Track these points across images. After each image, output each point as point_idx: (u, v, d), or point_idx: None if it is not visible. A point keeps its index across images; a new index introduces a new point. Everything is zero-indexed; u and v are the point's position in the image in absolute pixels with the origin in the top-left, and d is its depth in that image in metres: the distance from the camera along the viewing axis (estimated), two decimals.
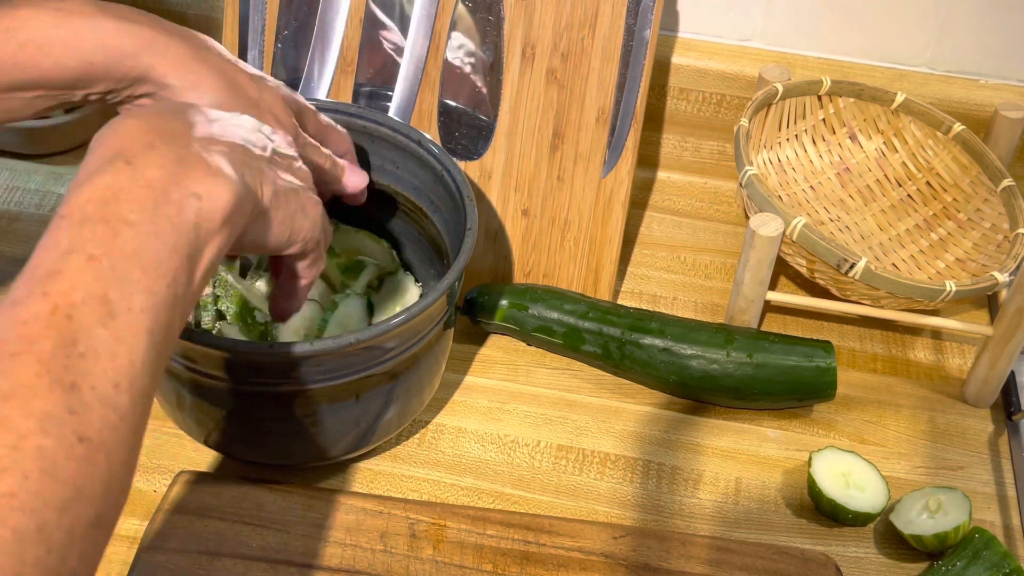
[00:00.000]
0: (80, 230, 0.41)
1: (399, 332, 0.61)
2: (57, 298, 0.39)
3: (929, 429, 0.78)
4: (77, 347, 0.38)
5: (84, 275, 0.40)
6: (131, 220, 0.42)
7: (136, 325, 0.40)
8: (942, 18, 0.89)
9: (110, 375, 0.39)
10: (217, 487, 0.68)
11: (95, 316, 0.39)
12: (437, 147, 0.72)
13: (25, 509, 0.34)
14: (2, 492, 0.34)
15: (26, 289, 0.40)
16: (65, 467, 0.36)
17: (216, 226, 0.45)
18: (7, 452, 0.35)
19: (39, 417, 0.36)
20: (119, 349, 0.39)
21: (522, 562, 0.65)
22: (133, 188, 0.43)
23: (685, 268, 0.90)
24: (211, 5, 0.97)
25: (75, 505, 0.36)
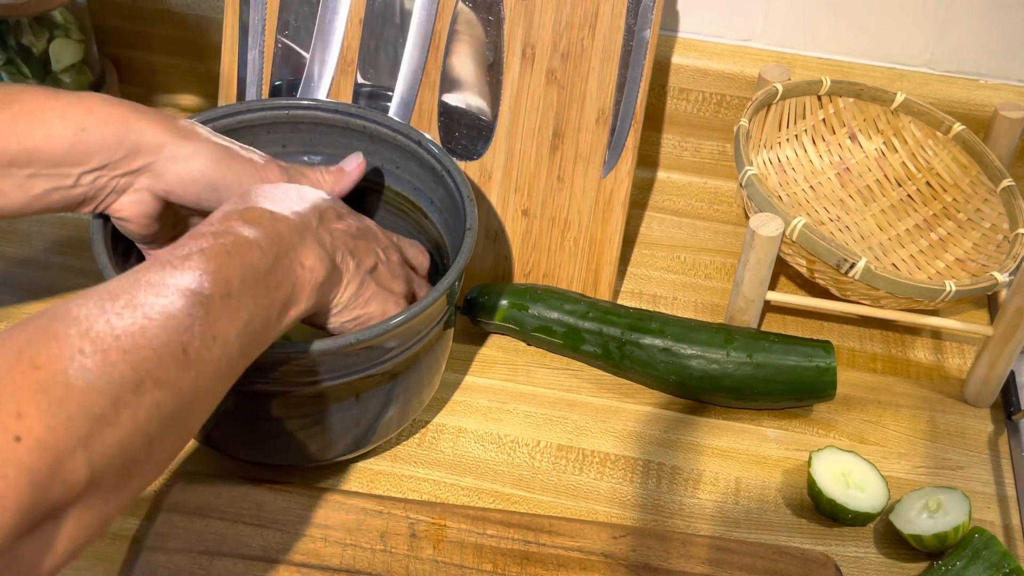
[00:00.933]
0: (225, 234, 0.52)
1: (399, 332, 0.61)
2: (194, 261, 0.50)
3: (929, 429, 0.78)
4: (200, 293, 0.48)
5: (218, 260, 0.50)
6: (263, 246, 0.53)
7: (240, 312, 0.50)
8: (942, 18, 0.89)
9: (213, 328, 0.48)
10: (217, 487, 0.68)
11: (218, 289, 0.49)
12: (437, 147, 0.72)
13: (133, 364, 0.43)
14: (123, 347, 0.43)
15: (169, 252, 0.50)
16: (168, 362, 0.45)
17: (308, 290, 0.56)
18: (137, 320, 0.44)
19: (166, 315, 0.46)
20: (224, 319, 0.49)
21: (522, 562, 0.65)
22: (272, 228, 0.55)
23: (685, 268, 0.90)
24: (211, 5, 0.97)
25: (164, 388, 0.44)
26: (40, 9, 0.88)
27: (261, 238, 0.53)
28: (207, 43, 0.99)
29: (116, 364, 0.42)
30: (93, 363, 0.41)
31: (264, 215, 0.55)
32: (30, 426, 0.38)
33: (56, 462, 0.38)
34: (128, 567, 0.64)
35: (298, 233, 0.56)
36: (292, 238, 0.56)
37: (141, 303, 0.45)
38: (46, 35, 0.90)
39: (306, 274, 0.56)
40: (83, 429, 0.40)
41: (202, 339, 0.47)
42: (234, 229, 0.53)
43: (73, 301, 0.44)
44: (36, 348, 0.41)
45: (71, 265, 0.85)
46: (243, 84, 0.84)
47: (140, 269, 0.48)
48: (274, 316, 0.54)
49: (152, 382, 0.43)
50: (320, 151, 0.75)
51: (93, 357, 0.41)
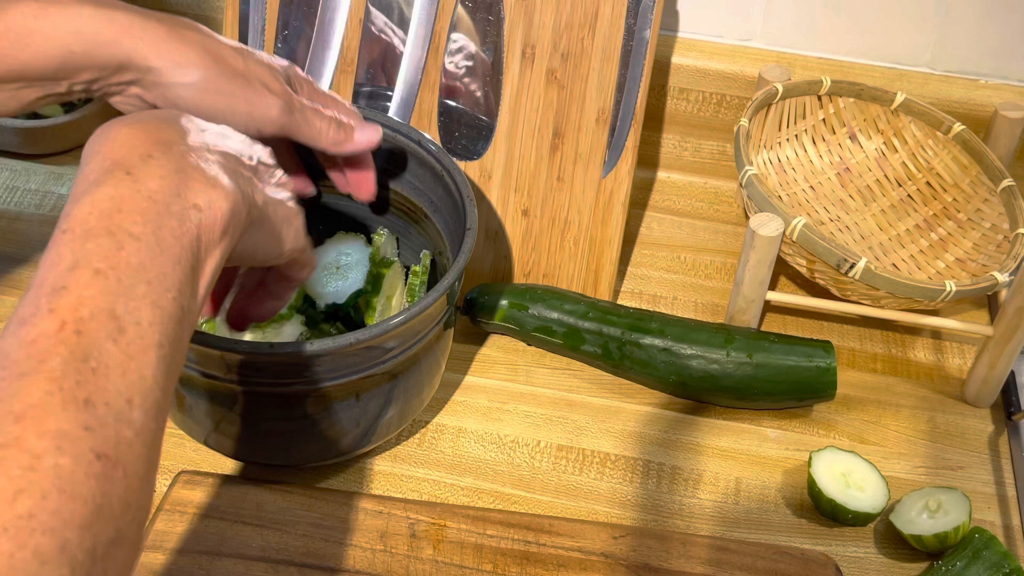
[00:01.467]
0: (84, 243, 0.41)
1: (399, 332, 0.61)
2: (65, 314, 0.38)
3: (929, 429, 0.78)
4: (88, 363, 0.37)
5: (91, 289, 0.39)
6: (135, 233, 0.42)
7: (145, 340, 0.40)
8: (942, 18, 0.89)
9: (122, 391, 0.38)
10: (217, 487, 0.68)
11: (104, 331, 0.39)
12: (437, 147, 0.72)
13: (45, 530, 0.34)
14: (21, 514, 0.33)
15: (32, 306, 0.39)
16: (84, 485, 0.35)
17: (216, 237, 0.45)
18: (23, 473, 0.34)
19: (54, 436, 0.35)
20: (130, 364, 0.39)
21: (522, 562, 0.65)
22: (136, 199, 0.43)
23: (685, 268, 0.90)
24: (211, 5, 0.97)
25: (96, 523, 0.35)
26: None
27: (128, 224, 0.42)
28: None
29: (25, 542, 0.33)
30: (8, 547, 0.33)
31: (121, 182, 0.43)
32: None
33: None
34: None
35: (173, 170, 0.45)
36: (168, 185, 0.44)
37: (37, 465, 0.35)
38: None
39: (208, 214, 0.45)
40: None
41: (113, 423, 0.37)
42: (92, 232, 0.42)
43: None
44: None
45: None
46: None
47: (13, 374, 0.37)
48: (189, 296, 0.43)
49: (79, 528, 0.35)
50: None
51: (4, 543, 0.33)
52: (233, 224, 0.47)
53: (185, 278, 0.43)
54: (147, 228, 0.42)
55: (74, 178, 0.46)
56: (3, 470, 0.34)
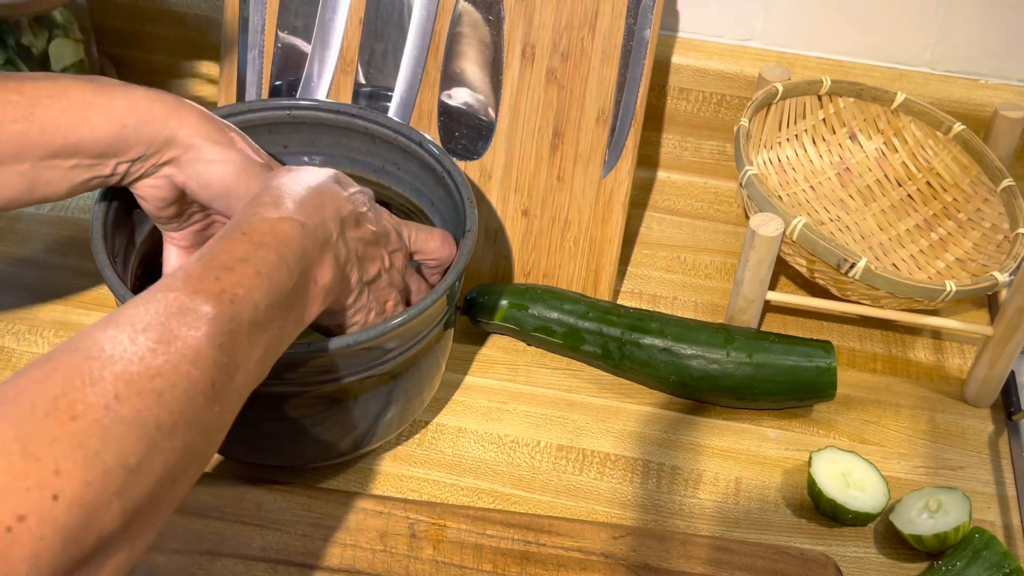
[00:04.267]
0: (257, 250, 0.52)
1: (399, 333, 0.61)
2: (227, 285, 0.48)
3: (929, 429, 0.78)
4: (230, 324, 0.47)
5: (249, 281, 0.50)
6: (290, 266, 0.53)
7: (262, 336, 0.50)
8: (942, 18, 0.89)
9: (238, 357, 0.48)
10: (217, 487, 0.68)
11: (246, 312, 0.49)
12: (438, 148, 0.72)
13: (167, 408, 0.42)
14: (154, 389, 0.42)
15: (203, 270, 0.49)
16: (197, 400, 0.44)
17: (315, 307, 0.56)
18: (164, 364, 0.43)
19: (194, 352, 0.45)
20: (248, 346, 0.49)
21: (522, 562, 0.65)
22: (299, 246, 0.54)
23: (685, 268, 0.90)
24: (211, 5, 0.97)
25: (193, 428, 0.44)
26: (40, 9, 0.88)
27: (289, 257, 0.53)
28: (207, 43, 0.99)
29: (151, 408, 0.42)
30: (129, 409, 0.41)
31: (295, 228, 0.54)
32: (67, 483, 0.38)
33: (91, 517, 0.38)
34: None
35: (319, 248, 0.56)
36: (314, 254, 0.55)
37: (174, 336, 0.44)
38: (46, 35, 0.90)
39: (318, 291, 0.56)
40: (118, 481, 0.40)
41: (228, 371, 0.47)
42: (265, 245, 0.52)
43: (104, 332, 0.43)
44: (73, 395, 0.40)
45: (71, 265, 0.85)
46: (243, 84, 0.84)
47: (170, 287, 0.47)
48: (287, 334, 0.54)
49: (184, 424, 0.43)
50: (321, 151, 0.75)
51: (129, 402, 0.41)
52: (327, 301, 0.57)
53: (292, 320, 0.54)
54: (295, 269, 0.53)
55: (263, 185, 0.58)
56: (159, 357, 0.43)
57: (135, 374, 0.42)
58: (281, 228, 0.54)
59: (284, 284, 0.52)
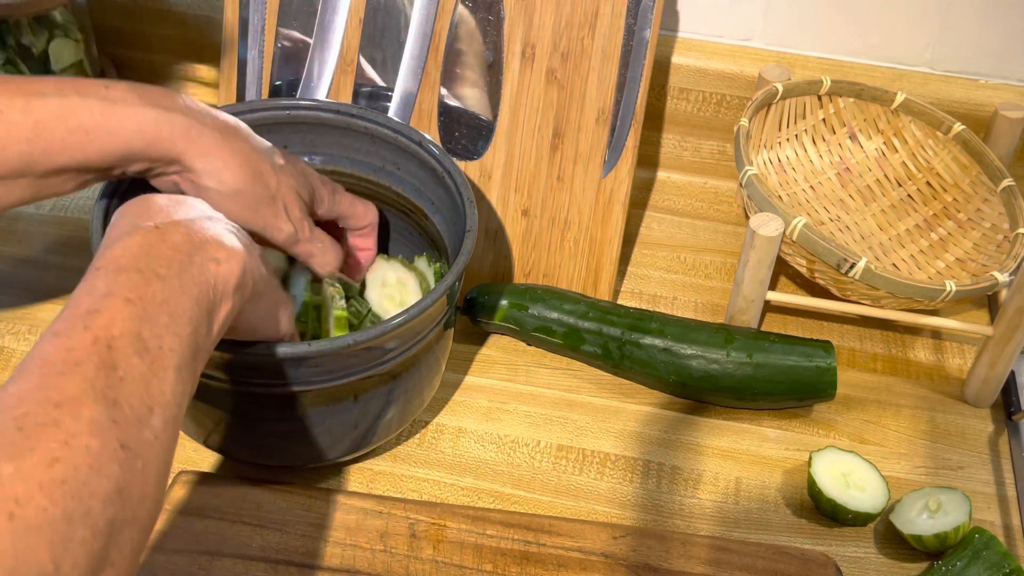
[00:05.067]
0: (116, 277, 0.47)
1: (399, 333, 0.61)
2: (98, 331, 0.44)
3: (929, 429, 0.78)
4: (117, 371, 0.43)
5: (121, 313, 0.45)
6: (161, 274, 0.48)
7: (166, 361, 0.45)
8: (942, 18, 0.89)
9: (145, 400, 0.43)
10: (217, 487, 0.68)
11: (131, 348, 0.44)
12: (438, 148, 0.72)
13: (74, 495, 0.38)
14: (55, 478, 0.38)
15: (68, 323, 0.45)
16: (109, 467, 0.40)
17: (230, 290, 0.52)
18: (59, 446, 0.39)
19: (87, 422, 0.40)
20: (152, 379, 0.44)
21: (522, 562, 0.65)
22: (162, 248, 0.50)
23: (685, 268, 0.90)
24: (211, 5, 0.97)
25: (116, 501, 0.40)
26: (40, 9, 0.88)
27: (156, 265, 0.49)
28: (207, 43, 0.99)
29: (56, 503, 0.38)
30: (34, 511, 0.37)
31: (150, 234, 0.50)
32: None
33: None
34: None
35: (195, 230, 0.52)
36: (189, 240, 0.51)
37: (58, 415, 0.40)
38: (46, 35, 0.90)
39: (226, 267, 0.52)
40: None
41: (137, 421, 0.42)
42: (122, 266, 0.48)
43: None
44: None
45: (71, 265, 0.85)
46: (243, 84, 0.84)
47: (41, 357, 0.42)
48: (203, 331, 0.49)
49: (100, 502, 0.39)
50: (321, 151, 0.75)
51: (32, 503, 0.37)
52: (243, 284, 0.53)
53: (202, 318, 0.49)
54: (171, 271, 0.49)
55: None
56: (43, 442, 0.39)
57: (32, 467, 0.38)
58: (132, 245, 0.49)
59: (164, 293, 0.47)
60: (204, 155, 0.61)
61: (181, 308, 0.48)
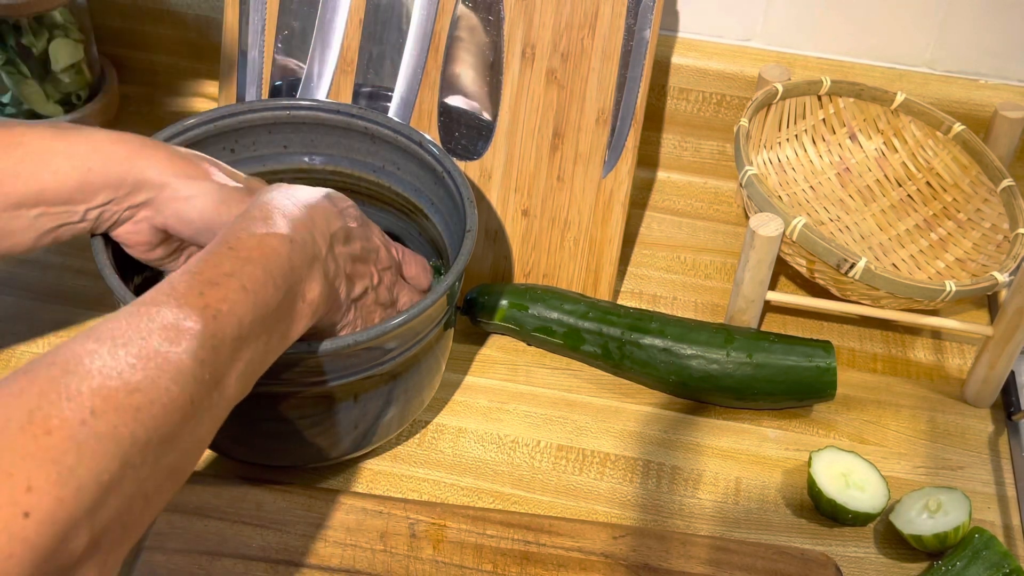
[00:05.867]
0: (244, 265, 0.51)
1: (399, 333, 0.61)
2: (211, 300, 0.48)
3: (929, 429, 0.78)
4: (212, 340, 0.47)
5: (235, 296, 0.49)
6: (277, 282, 0.52)
7: (245, 352, 0.49)
8: (942, 18, 0.89)
9: (218, 373, 0.47)
10: (217, 487, 0.68)
11: (230, 328, 0.48)
12: (438, 148, 0.72)
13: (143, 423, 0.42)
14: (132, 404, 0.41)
15: (187, 285, 0.48)
16: (175, 415, 0.43)
17: (303, 324, 0.55)
18: (146, 376, 0.43)
19: (175, 368, 0.44)
20: (230, 364, 0.48)
21: (522, 562, 0.65)
22: (286, 262, 0.53)
23: (685, 268, 0.90)
24: (211, 5, 0.97)
25: (169, 441, 0.43)
26: (40, 9, 0.88)
27: (276, 272, 0.52)
28: (207, 43, 0.99)
29: (127, 424, 0.41)
30: (105, 425, 0.40)
31: (283, 243, 0.53)
32: (40, 500, 0.37)
33: (62, 534, 0.38)
34: (128, 567, 0.64)
35: (308, 264, 0.55)
36: (302, 270, 0.54)
37: (154, 351, 0.44)
38: (46, 35, 0.90)
39: (306, 308, 0.55)
40: (92, 497, 0.39)
41: (208, 388, 0.46)
42: (252, 260, 0.51)
43: (84, 346, 0.43)
44: (48, 410, 0.39)
45: (71, 265, 0.85)
46: (243, 84, 0.84)
47: (154, 302, 0.47)
48: (272, 350, 0.53)
49: (159, 440, 0.42)
50: (321, 151, 0.75)
51: (105, 418, 0.40)
52: (315, 318, 0.57)
53: (278, 337, 0.53)
54: (283, 285, 0.53)
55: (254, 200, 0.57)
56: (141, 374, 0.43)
57: (113, 389, 0.41)
58: (269, 243, 0.53)
59: (270, 300, 0.51)
60: (167, 169, 0.60)
61: (273, 319, 0.52)
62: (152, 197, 0.60)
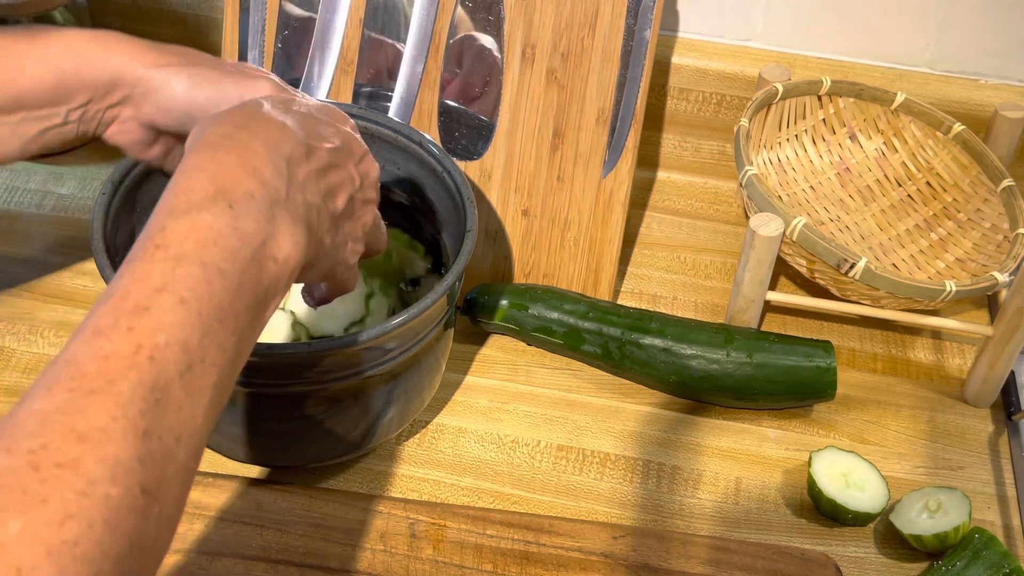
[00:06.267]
0: (175, 268, 0.41)
1: (399, 333, 0.61)
2: (142, 337, 0.39)
3: (929, 429, 0.78)
4: (154, 393, 0.38)
5: (172, 317, 0.40)
6: (224, 270, 0.42)
7: (204, 379, 0.40)
8: (942, 18, 0.89)
9: (175, 428, 0.38)
10: (217, 487, 0.68)
11: (175, 364, 0.39)
12: (438, 148, 0.72)
13: (86, 559, 0.34)
14: (66, 540, 0.34)
15: (111, 318, 0.39)
16: (126, 519, 0.36)
17: (281, 287, 0.46)
18: (76, 498, 0.35)
19: (111, 464, 0.36)
20: (186, 402, 0.39)
21: (522, 562, 0.65)
22: (231, 237, 0.43)
23: (685, 268, 0.90)
24: (211, 5, 0.97)
25: (128, 558, 0.36)
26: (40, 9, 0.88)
27: (219, 259, 0.42)
28: (207, 43, 0.99)
29: (66, 570, 0.34)
30: None
31: (218, 217, 0.43)
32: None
33: None
34: None
35: (264, 219, 0.45)
36: (257, 233, 0.44)
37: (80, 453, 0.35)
38: None
39: (280, 269, 0.45)
40: None
41: (163, 456, 0.38)
42: (184, 256, 0.41)
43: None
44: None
45: (71, 265, 0.85)
46: None
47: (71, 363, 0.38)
48: (247, 339, 0.44)
49: (112, 562, 0.35)
50: None
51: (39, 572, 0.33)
52: (297, 270, 0.47)
53: (249, 325, 0.44)
54: (234, 268, 0.42)
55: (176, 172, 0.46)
56: (58, 491, 0.34)
57: (42, 525, 0.34)
58: (201, 224, 0.43)
59: (218, 296, 0.42)
60: (141, 60, 0.56)
61: (232, 313, 0.42)
62: (129, 93, 0.57)
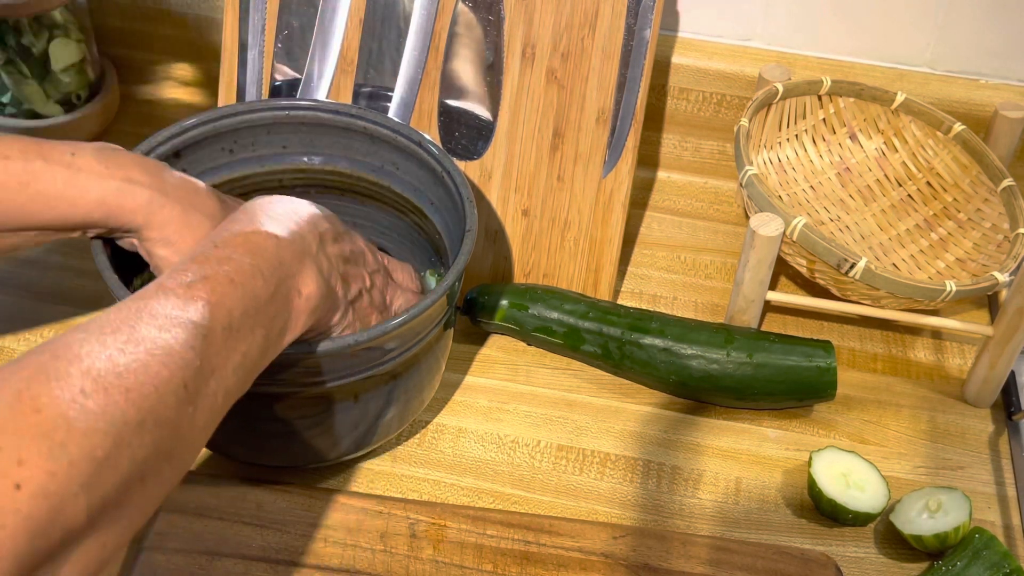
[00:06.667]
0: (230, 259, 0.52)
1: (399, 333, 0.61)
2: (197, 291, 0.49)
3: (929, 429, 0.78)
4: (203, 326, 0.48)
5: (222, 287, 0.50)
6: (264, 274, 0.53)
7: (236, 350, 0.50)
8: (942, 18, 0.89)
9: (221, 357, 0.49)
10: (217, 487, 0.68)
11: (220, 315, 0.49)
12: (437, 148, 0.72)
13: (137, 402, 0.42)
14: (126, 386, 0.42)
15: (174, 280, 0.49)
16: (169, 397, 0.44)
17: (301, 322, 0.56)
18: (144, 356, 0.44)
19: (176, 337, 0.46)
20: (225, 345, 0.49)
21: (522, 562, 0.65)
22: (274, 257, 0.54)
23: (685, 268, 0.90)
24: (211, 5, 0.97)
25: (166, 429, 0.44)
26: (40, 9, 0.88)
27: (263, 266, 0.53)
28: (207, 43, 0.99)
29: (118, 403, 0.42)
30: (95, 403, 0.41)
31: (268, 239, 0.55)
32: (31, 473, 0.37)
33: (56, 508, 0.38)
34: (128, 567, 0.64)
35: (298, 259, 0.56)
36: (293, 265, 0.56)
37: (143, 337, 0.45)
38: (46, 35, 0.90)
39: (302, 302, 0.56)
40: (84, 473, 0.39)
41: (201, 374, 0.47)
42: (238, 255, 0.53)
43: (74, 335, 0.44)
44: (37, 389, 0.40)
45: (71, 265, 0.85)
46: (243, 84, 0.84)
47: (142, 296, 0.48)
48: (270, 345, 0.54)
49: (153, 421, 0.43)
50: (320, 151, 0.75)
51: (95, 397, 0.41)
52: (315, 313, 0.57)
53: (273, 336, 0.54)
54: (272, 277, 0.53)
55: None
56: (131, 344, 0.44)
57: (102, 370, 0.42)
58: (255, 239, 0.55)
59: (259, 292, 0.52)
60: (161, 229, 0.62)
61: (266, 316, 0.53)
62: (139, 240, 0.62)
